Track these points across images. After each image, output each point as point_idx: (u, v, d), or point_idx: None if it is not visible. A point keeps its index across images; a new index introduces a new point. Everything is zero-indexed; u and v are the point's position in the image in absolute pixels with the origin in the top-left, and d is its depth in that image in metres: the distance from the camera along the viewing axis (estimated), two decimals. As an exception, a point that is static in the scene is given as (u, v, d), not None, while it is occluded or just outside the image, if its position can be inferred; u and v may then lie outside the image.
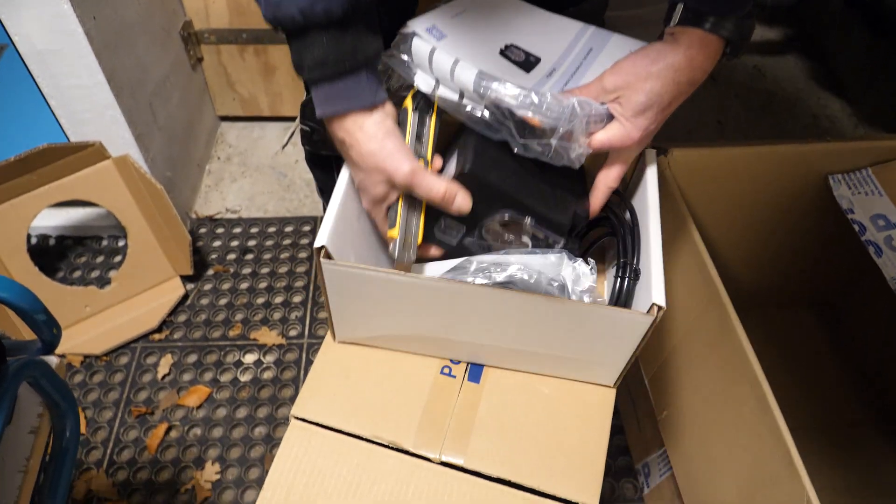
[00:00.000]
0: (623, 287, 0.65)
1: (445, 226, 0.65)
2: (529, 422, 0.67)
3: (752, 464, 0.73)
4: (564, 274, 0.65)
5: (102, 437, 1.12)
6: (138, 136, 1.18)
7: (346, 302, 0.64)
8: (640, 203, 0.69)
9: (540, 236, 0.66)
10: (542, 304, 0.59)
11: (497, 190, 0.63)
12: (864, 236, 0.91)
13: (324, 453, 0.65)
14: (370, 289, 0.61)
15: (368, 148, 0.58)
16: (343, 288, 0.62)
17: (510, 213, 0.64)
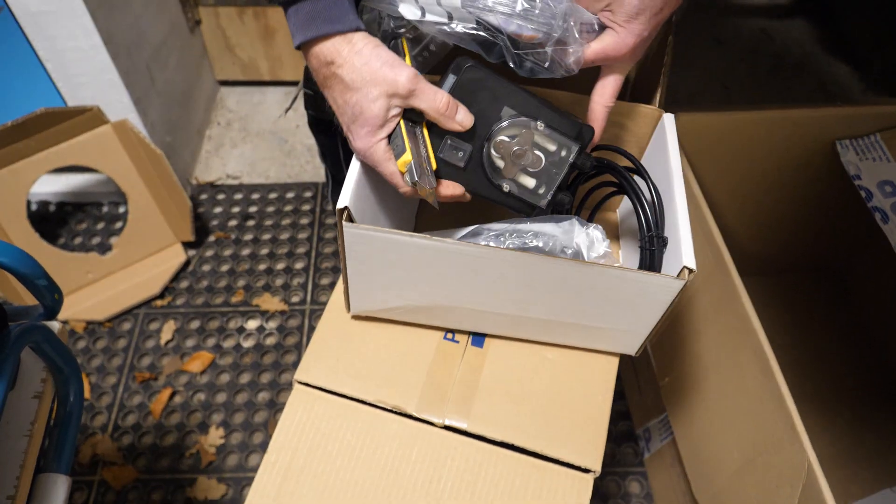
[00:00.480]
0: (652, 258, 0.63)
1: (450, 145, 0.59)
2: (532, 386, 0.67)
3: (754, 429, 0.73)
4: (578, 241, 0.64)
5: (107, 403, 1.13)
6: (137, 100, 1.17)
7: (364, 269, 0.62)
8: (662, 167, 0.67)
9: (552, 148, 0.61)
10: (570, 269, 0.57)
11: (499, 87, 0.59)
12: (871, 203, 0.90)
13: (327, 417, 0.65)
14: (392, 253, 0.59)
15: (362, 59, 0.54)
16: (363, 253, 0.60)
17: (517, 115, 0.60)
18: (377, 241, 0.58)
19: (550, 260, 0.57)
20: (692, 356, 0.87)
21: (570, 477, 0.63)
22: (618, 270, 0.57)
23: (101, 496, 1.04)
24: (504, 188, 0.62)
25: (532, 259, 0.57)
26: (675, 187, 0.62)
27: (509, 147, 0.60)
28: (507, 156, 0.60)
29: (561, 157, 0.62)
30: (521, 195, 0.62)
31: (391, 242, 0.58)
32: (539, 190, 0.63)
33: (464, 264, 0.59)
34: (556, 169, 0.62)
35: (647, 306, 0.60)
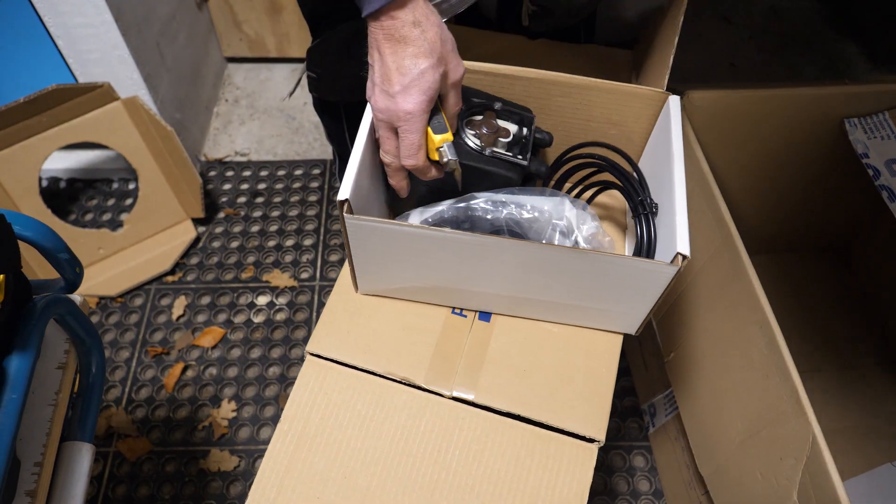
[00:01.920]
0: (646, 225, 0.65)
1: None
2: (538, 359, 0.68)
3: (758, 403, 0.74)
4: (569, 214, 0.66)
5: (120, 377, 1.15)
6: (147, 76, 1.17)
7: (368, 256, 0.64)
8: (663, 150, 0.68)
9: (514, 128, 0.69)
10: (566, 255, 0.59)
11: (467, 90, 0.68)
12: (879, 181, 0.90)
13: (339, 388, 0.67)
14: (393, 242, 0.61)
15: (442, 34, 0.57)
16: (366, 242, 0.62)
17: (481, 100, 0.69)
18: (378, 231, 0.60)
19: (547, 247, 0.59)
20: (697, 331, 0.88)
21: (575, 446, 0.65)
22: (612, 256, 0.59)
23: (116, 467, 1.06)
24: (486, 152, 0.66)
25: (529, 246, 0.59)
26: (676, 173, 0.63)
27: (480, 124, 0.67)
28: (480, 132, 0.66)
29: (524, 134, 0.69)
30: (503, 157, 0.67)
31: (391, 232, 0.60)
32: (517, 156, 0.67)
33: (462, 251, 0.61)
34: (525, 140, 0.69)
35: (642, 290, 0.62)
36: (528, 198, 0.66)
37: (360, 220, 0.59)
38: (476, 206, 0.66)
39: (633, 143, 0.75)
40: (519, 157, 0.67)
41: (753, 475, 0.77)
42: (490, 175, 0.67)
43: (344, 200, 0.58)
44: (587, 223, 0.67)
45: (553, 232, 0.67)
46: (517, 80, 0.71)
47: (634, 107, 0.72)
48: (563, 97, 0.72)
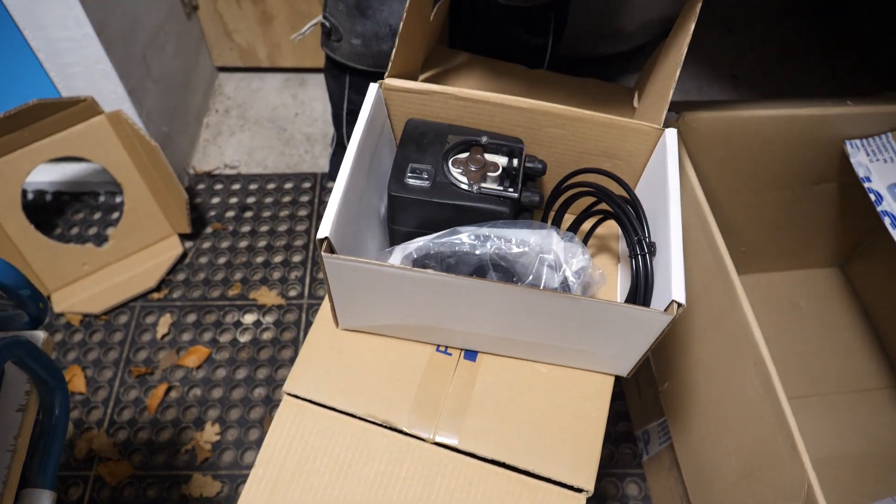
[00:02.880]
0: (643, 265, 0.62)
1: (413, 168, 0.64)
2: (526, 401, 0.66)
3: (753, 442, 0.72)
4: (556, 248, 0.63)
5: (103, 397, 1.13)
6: (131, 90, 1.14)
7: (349, 294, 0.62)
8: (659, 186, 0.65)
9: (502, 161, 0.66)
10: (553, 301, 0.57)
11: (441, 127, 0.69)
12: (881, 207, 0.87)
13: (316, 431, 0.64)
14: (374, 282, 0.59)
15: None
16: (346, 281, 0.60)
17: (465, 137, 0.67)
18: (359, 270, 0.57)
19: (533, 291, 0.56)
20: (692, 363, 0.85)
21: (563, 496, 0.62)
22: (602, 303, 0.56)
23: (96, 492, 1.04)
24: (474, 189, 0.64)
25: (514, 290, 0.57)
26: (671, 213, 0.60)
27: (466, 161, 0.65)
28: (466, 168, 0.65)
29: (514, 165, 0.66)
30: (493, 193, 0.64)
31: (372, 272, 0.57)
32: (508, 189, 0.65)
33: (445, 292, 0.59)
34: (514, 172, 0.66)
35: (634, 336, 0.59)
36: (514, 231, 0.64)
37: (340, 260, 0.57)
38: (461, 241, 0.64)
39: (627, 176, 0.73)
40: (510, 191, 0.65)
41: (748, 517, 0.74)
42: (480, 212, 0.64)
43: (323, 239, 0.56)
44: (576, 256, 0.65)
45: (541, 266, 0.64)
46: (506, 109, 0.69)
47: (630, 141, 0.69)
48: (556, 128, 0.70)
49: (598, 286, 0.64)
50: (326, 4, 0.88)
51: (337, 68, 0.92)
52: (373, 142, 0.67)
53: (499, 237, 0.63)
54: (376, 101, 0.66)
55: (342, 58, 0.89)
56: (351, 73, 0.92)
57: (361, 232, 0.65)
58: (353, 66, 0.89)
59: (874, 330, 1.18)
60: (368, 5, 0.84)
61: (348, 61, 0.89)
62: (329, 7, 0.87)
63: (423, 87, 0.68)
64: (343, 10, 0.85)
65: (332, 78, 0.95)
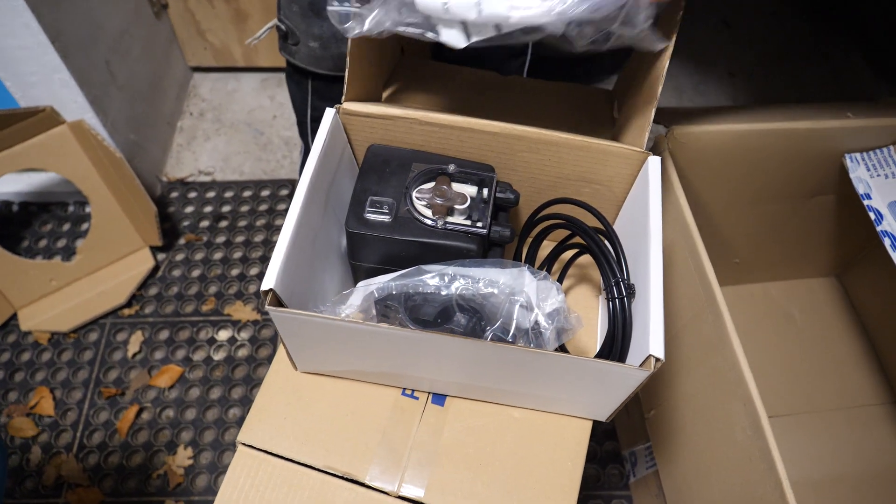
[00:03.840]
0: (621, 310, 0.58)
1: (373, 201, 0.59)
2: (498, 450, 0.61)
3: (741, 487, 0.68)
4: (528, 289, 0.58)
5: (72, 420, 1.08)
6: (94, 98, 1.09)
7: (303, 343, 0.58)
8: (639, 219, 0.60)
9: (471, 191, 0.61)
10: (520, 356, 0.52)
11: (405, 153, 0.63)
12: (881, 226, 0.82)
13: (272, 485, 0.60)
14: (326, 334, 0.54)
15: None
16: (298, 332, 0.55)
17: (431, 165, 0.62)
18: (308, 324, 0.52)
19: (501, 347, 0.51)
20: (679, 394, 0.81)
21: (535, 555, 0.58)
22: (573, 360, 0.51)
23: (64, 520, 1.00)
24: (440, 225, 0.59)
25: (476, 345, 0.52)
26: (652, 252, 0.55)
27: (431, 192, 0.60)
28: (431, 201, 0.59)
29: (483, 196, 0.61)
30: (459, 229, 0.59)
31: (322, 326, 0.52)
32: (476, 223, 0.60)
33: (403, 345, 0.54)
34: (484, 204, 0.61)
35: (610, 389, 0.55)
36: (483, 270, 0.59)
37: (287, 314, 0.52)
38: (425, 282, 0.59)
39: (608, 203, 0.68)
40: (478, 225, 0.60)
41: (736, 562, 0.70)
42: (446, 249, 0.59)
43: (268, 291, 0.51)
44: (550, 298, 0.60)
45: (511, 307, 0.59)
46: (476, 133, 0.63)
47: (610, 165, 0.64)
48: (530, 153, 0.64)
49: (573, 331, 0.59)
50: (280, 6, 0.82)
51: (298, 73, 0.87)
52: (329, 172, 0.62)
53: (466, 277, 0.58)
54: (333, 129, 0.61)
55: (301, 62, 0.84)
56: (313, 78, 0.86)
57: (317, 274, 0.60)
58: (314, 70, 0.84)
59: (870, 343, 1.13)
60: (324, 6, 0.78)
61: (308, 66, 0.83)
62: (283, 8, 0.81)
63: (385, 111, 0.63)
64: (297, 11, 0.80)
65: (294, 84, 0.90)
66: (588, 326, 0.71)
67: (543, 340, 0.58)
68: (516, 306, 0.59)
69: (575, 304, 0.73)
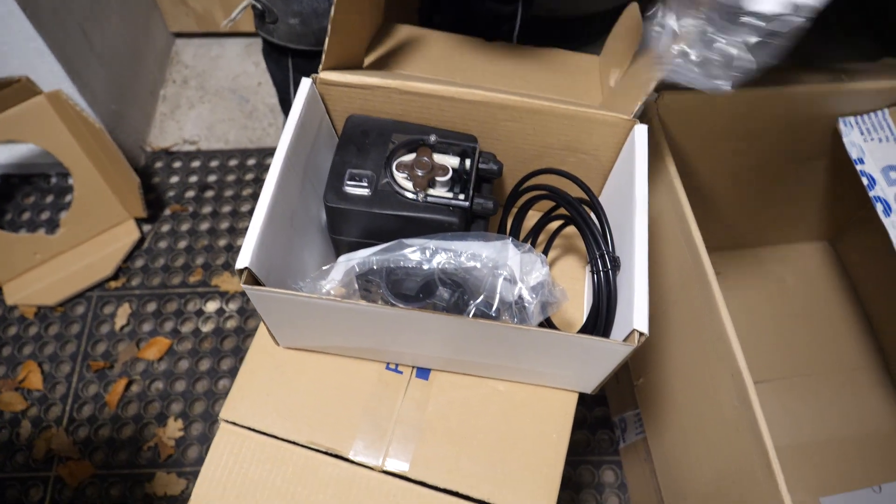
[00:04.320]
0: (605, 283, 0.57)
1: (352, 174, 0.58)
2: (482, 424, 0.61)
3: (728, 457, 0.68)
4: (512, 263, 0.57)
5: (61, 393, 1.08)
6: (71, 67, 1.06)
7: (282, 320, 0.57)
8: (625, 189, 0.59)
9: (453, 162, 0.60)
10: (502, 332, 0.51)
11: (385, 123, 0.62)
12: (873, 192, 0.81)
13: (256, 461, 0.60)
14: (304, 312, 0.53)
15: None
16: (277, 310, 0.54)
17: (412, 136, 0.60)
18: (286, 302, 0.51)
19: (482, 324, 0.51)
20: (668, 363, 0.80)
21: (520, 528, 0.58)
22: (556, 335, 0.51)
23: (57, 493, 1.00)
24: (420, 198, 0.57)
25: (457, 322, 0.51)
26: (637, 224, 0.54)
27: (411, 164, 0.58)
28: (412, 173, 0.58)
29: (465, 168, 0.60)
30: (441, 202, 0.58)
31: (300, 304, 0.51)
32: (458, 195, 0.58)
33: (383, 321, 0.53)
34: (466, 175, 0.59)
35: (594, 363, 0.54)
36: (465, 243, 0.58)
37: (264, 293, 0.51)
38: (406, 256, 0.58)
39: (594, 172, 0.66)
40: (460, 198, 0.58)
41: (722, 529, 0.71)
42: (427, 223, 0.58)
43: (243, 269, 0.50)
44: (534, 271, 0.59)
45: (495, 280, 0.58)
46: (458, 102, 0.62)
47: (596, 134, 0.62)
48: (513, 122, 0.63)
49: (558, 304, 0.58)
50: None
51: (277, 51, 0.84)
52: (307, 144, 0.60)
53: (447, 251, 0.57)
54: (309, 100, 0.59)
55: (281, 40, 0.81)
56: (293, 55, 0.84)
57: (296, 249, 0.59)
58: (295, 47, 0.81)
59: (861, 307, 1.13)
60: None
61: (288, 43, 0.81)
62: None
63: (363, 80, 0.61)
64: None
65: (273, 62, 0.87)
66: (575, 298, 0.70)
67: (528, 314, 0.57)
68: (500, 280, 0.58)
69: (562, 275, 0.72)
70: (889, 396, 1.06)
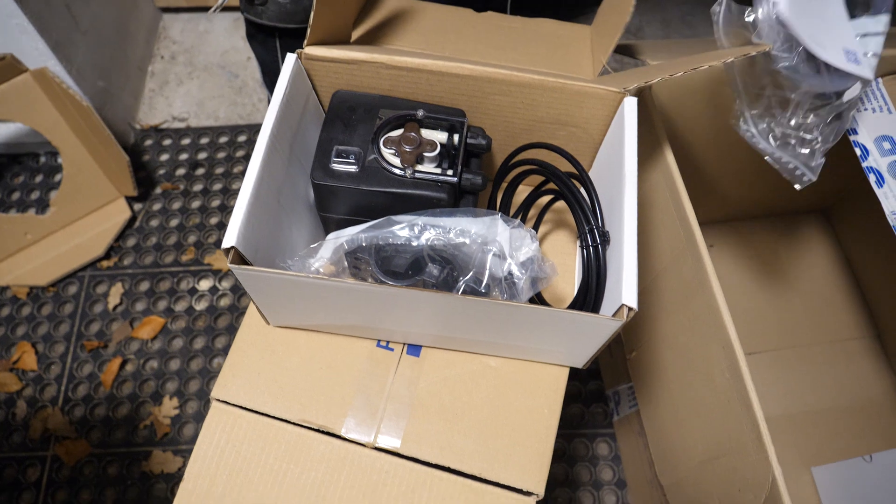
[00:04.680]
0: (595, 257, 0.56)
1: (338, 150, 0.57)
2: (474, 400, 0.61)
3: (719, 428, 0.68)
4: (501, 238, 0.57)
5: (56, 374, 1.08)
6: (56, 44, 1.04)
7: (271, 299, 0.56)
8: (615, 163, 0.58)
9: (441, 137, 0.59)
10: (491, 308, 0.51)
11: (372, 99, 0.61)
12: (866, 162, 0.80)
13: (248, 439, 0.60)
14: (293, 290, 0.53)
15: None
16: (265, 289, 0.54)
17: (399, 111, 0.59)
18: (274, 281, 0.50)
19: (470, 301, 0.50)
20: (660, 336, 0.81)
21: (511, 500, 0.58)
22: (545, 311, 0.50)
23: (54, 472, 1.01)
24: (408, 174, 0.57)
25: (446, 298, 0.51)
26: (626, 198, 0.53)
27: (399, 139, 0.58)
28: (400, 149, 0.57)
29: (454, 142, 0.59)
30: (429, 177, 0.57)
31: (288, 282, 0.51)
32: (447, 171, 0.58)
33: (372, 299, 0.53)
34: (454, 151, 0.59)
35: (584, 338, 0.54)
36: (454, 220, 0.57)
37: (251, 272, 0.51)
38: (395, 233, 0.57)
39: (585, 146, 0.66)
40: (448, 173, 0.58)
41: (712, 499, 0.71)
42: (416, 199, 0.58)
43: (230, 248, 0.49)
44: (524, 246, 0.58)
45: (484, 257, 0.58)
46: (445, 77, 0.61)
47: (586, 107, 0.62)
48: (502, 96, 0.62)
49: (548, 279, 0.58)
50: None
51: (263, 33, 0.82)
52: (293, 121, 0.59)
53: (436, 227, 0.57)
54: (294, 76, 0.58)
55: (270, 20, 0.79)
56: (281, 35, 0.82)
57: (284, 227, 0.59)
58: (284, 26, 0.79)
59: (854, 278, 1.13)
60: None
61: (278, 23, 0.79)
62: None
63: (349, 55, 0.60)
64: None
65: (259, 44, 0.85)
66: (566, 272, 0.69)
67: (517, 290, 0.57)
68: (489, 256, 0.58)
69: (552, 250, 0.71)
70: (880, 366, 1.06)
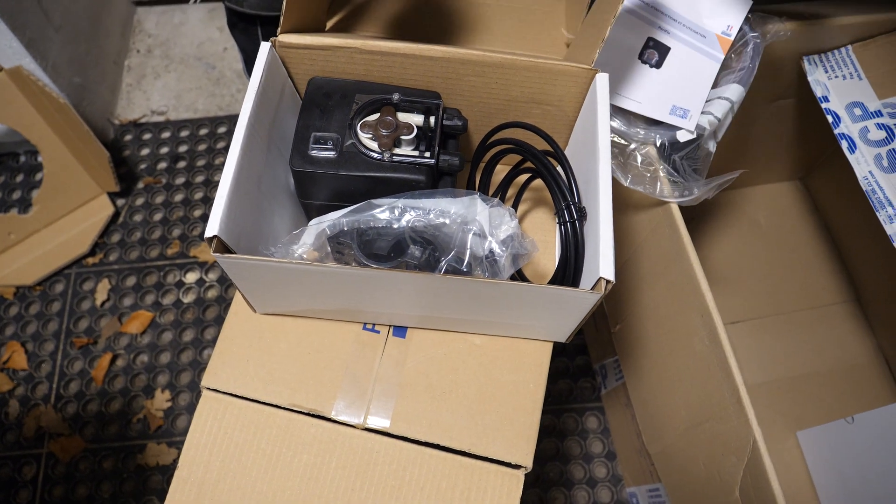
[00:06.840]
0: (572, 233, 0.57)
1: (316, 137, 0.58)
2: (460, 378, 0.62)
3: (701, 394, 0.70)
4: (480, 217, 0.58)
5: (47, 371, 1.09)
6: (29, 42, 1.03)
7: (256, 287, 0.57)
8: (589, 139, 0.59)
9: (418, 119, 0.60)
10: (472, 287, 0.52)
11: (347, 85, 0.61)
12: (838, 129, 0.82)
13: (240, 426, 0.61)
14: (277, 277, 0.54)
15: None
16: (249, 276, 0.55)
17: (375, 96, 0.60)
18: (257, 268, 0.51)
19: (452, 280, 0.51)
20: (642, 307, 0.82)
21: (500, 474, 0.60)
22: (525, 287, 0.51)
23: (50, 469, 1.02)
24: (386, 157, 0.58)
25: (427, 278, 0.52)
26: (601, 172, 0.54)
27: (375, 123, 0.58)
28: (377, 133, 0.58)
29: (430, 124, 0.60)
30: (406, 160, 0.58)
31: (271, 269, 0.51)
32: (424, 153, 0.58)
33: (356, 282, 0.53)
34: (431, 133, 0.59)
35: (565, 313, 0.55)
36: (434, 201, 0.58)
37: (235, 260, 0.51)
38: (376, 216, 0.58)
39: (560, 123, 0.66)
40: (426, 156, 0.59)
41: (697, 464, 0.73)
42: (394, 182, 0.58)
43: (212, 237, 0.50)
44: (503, 224, 0.59)
45: (465, 236, 0.59)
46: (420, 60, 0.61)
47: (559, 85, 0.62)
48: (476, 77, 0.62)
49: (528, 255, 0.59)
50: None
51: (245, 21, 0.82)
52: (270, 109, 0.59)
53: (416, 209, 0.58)
54: (269, 64, 0.58)
55: (252, 8, 0.79)
56: (262, 23, 0.82)
57: (266, 215, 0.59)
58: (266, 14, 0.79)
59: (834, 243, 1.15)
60: None
61: (260, 11, 0.79)
62: None
63: (323, 41, 0.60)
64: None
65: (241, 33, 0.85)
66: (546, 249, 0.71)
67: (499, 267, 0.58)
68: (469, 235, 0.58)
69: (533, 227, 0.72)
70: (860, 329, 1.09)
